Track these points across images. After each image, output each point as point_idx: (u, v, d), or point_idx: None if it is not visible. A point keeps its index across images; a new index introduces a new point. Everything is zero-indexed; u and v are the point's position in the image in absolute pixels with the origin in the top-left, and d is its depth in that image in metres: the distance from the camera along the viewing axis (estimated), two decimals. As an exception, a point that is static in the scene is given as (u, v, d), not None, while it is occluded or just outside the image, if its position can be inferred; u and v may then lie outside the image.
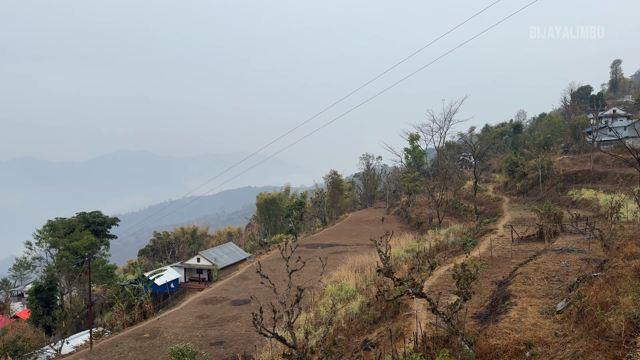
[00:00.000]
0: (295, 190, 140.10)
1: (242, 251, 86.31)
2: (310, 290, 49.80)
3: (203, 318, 49.90)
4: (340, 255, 71.11)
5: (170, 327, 47.29)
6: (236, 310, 51.98)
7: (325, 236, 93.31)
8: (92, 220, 75.53)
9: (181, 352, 24.82)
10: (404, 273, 40.90)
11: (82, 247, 66.23)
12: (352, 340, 32.23)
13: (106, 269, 67.22)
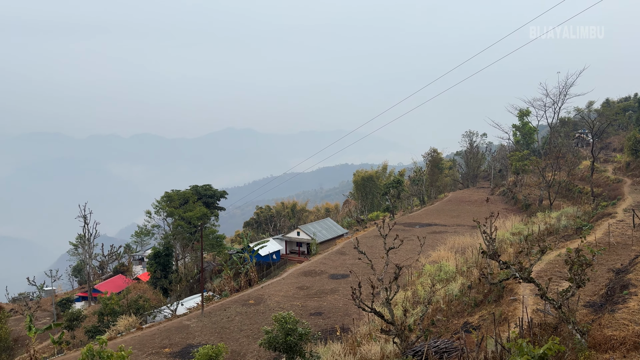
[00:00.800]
0: (392, 168, 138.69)
1: (340, 227, 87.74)
2: (408, 269, 49.49)
3: (303, 289, 51.82)
4: (439, 236, 69.60)
5: (273, 296, 49.77)
6: (334, 283, 53.26)
7: (424, 215, 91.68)
8: (203, 192, 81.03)
9: (284, 319, 26.01)
10: (510, 256, 39.07)
11: (195, 217, 71.46)
12: (451, 321, 31.66)
13: (216, 238, 72.06)
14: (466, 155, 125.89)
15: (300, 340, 25.86)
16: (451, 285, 36.83)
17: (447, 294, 35.56)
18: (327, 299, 47.57)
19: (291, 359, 25.80)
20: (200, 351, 22.67)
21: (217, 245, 72.26)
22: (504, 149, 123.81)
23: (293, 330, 25.82)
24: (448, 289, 36.17)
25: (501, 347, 18.19)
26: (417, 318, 32.32)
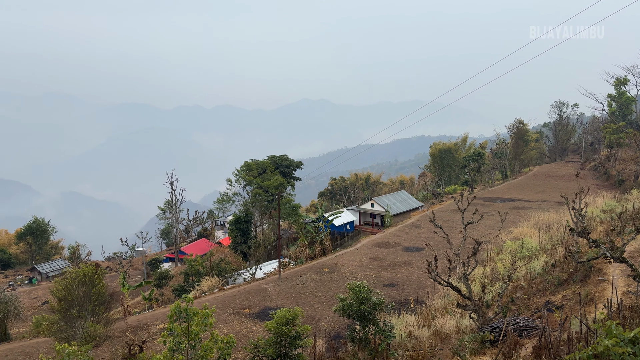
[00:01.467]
0: (473, 140, 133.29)
1: (415, 200, 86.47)
2: (487, 245, 47.99)
3: (376, 260, 52.04)
4: (521, 211, 66.59)
5: (347, 265, 50.47)
6: (408, 256, 52.94)
7: (505, 190, 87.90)
8: (280, 162, 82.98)
9: (358, 288, 26.33)
10: (599, 235, 36.62)
11: (272, 186, 73.52)
12: (532, 300, 30.47)
13: (292, 207, 73.83)
14: (554, 127, 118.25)
15: (373, 309, 26.11)
16: (533, 262, 35.30)
17: (529, 272, 34.16)
18: (400, 271, 47.48)
19: (365, 327, 26.18)
20: (278, 313, 23.56)
21: (293, 214, 74.06)
22: (597, 120, 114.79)
23: (367, 299, 26.10)
24: (530, 267, 34.70)
25: (587, 328, 17.27)
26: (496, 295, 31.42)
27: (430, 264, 27.12)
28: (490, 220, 60.68)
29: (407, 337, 28.40)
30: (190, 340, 21.43)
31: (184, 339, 21.68)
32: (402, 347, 26.98)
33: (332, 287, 43.85)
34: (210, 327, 22.51)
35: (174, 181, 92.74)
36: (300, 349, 24.14)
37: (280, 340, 23.14)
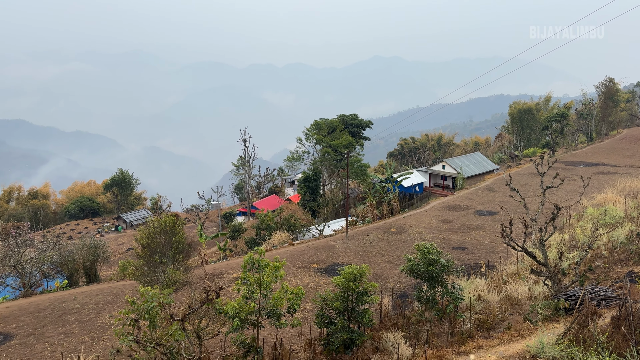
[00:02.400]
0: (557, 100, 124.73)
1: (490, 162, 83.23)
2: (566, 211, 45.59)
3: (446, 222, 51.15)
4: (607, 177, 62.33)
5: (415, 226, 50.07)
6: (480, 219, 51.53)
7: (590, 154, 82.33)
8: (349, 122, 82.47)
9: (427, 249, 26.12)
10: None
11: (341, 145, 73.54)
12: (612, 269, 28.86)
13: (360, 167, 73.70)
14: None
15: (442, 271, 25.87)
16: (617, 231, 33.19)
17: (611, 240, 32.23)
18: (471, 235, 46.45)
19: (432, 287, 26.08)
20: (345, 269, 23.99)
21: (361, 173, 73.95)
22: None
23: (435, 260, 25.87)
24: (612, 235, 32.70)
25: (677, 303, 16.12)
26: (573, 262, 30.02)
27: (504, 228, 26.25)
28: (571, 185, 57.38)
29: (476, 300, 28.03)
30: (262, 290, 22.44)
31: (256, 288, 22.73)
32: (470, 310, 26.71)
33: (399, 247, 43.84)
34: (281, 278, 23.41)
35: (246, 139, 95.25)
36: (366, 305, 24.58)
37: (347, 295, 23.66)
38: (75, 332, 29.42)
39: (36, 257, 43.65)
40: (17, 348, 27.59)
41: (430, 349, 22.71)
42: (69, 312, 32.64)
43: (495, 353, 20.98)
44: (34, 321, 31.30)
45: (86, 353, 25.85)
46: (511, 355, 20.35)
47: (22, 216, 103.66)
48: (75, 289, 40.25)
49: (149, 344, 19.33)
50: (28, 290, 41.57)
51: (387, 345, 23.85)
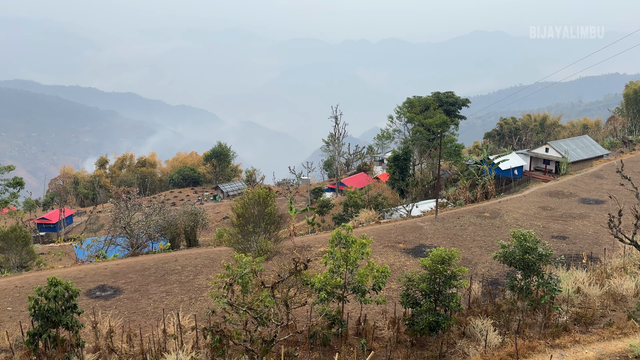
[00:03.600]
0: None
1: (599, 147, 76.57)
2: (688, 204, 40.88)
3: (546, 209, 48.12)
4: None
5: (511, 212, 47.66)
6: (584, 208, 47.84)
7: None
8: (444, 100, 79.55)
9: (523, 236, 24.83)
10: None
11: (434, 124, 71.37)
12: None
13: (454, 147, 71.18)
14: None
15: (539, 260, 24.52)
16: None
17: None
18: (573, 224, 43.32)
19: (527, 276, 24.84)
20: (433, 251, 23.53)
21: (455, 154, 71.38)
22: None
23: (532, 249, 24.54)
24: None
25: None
26: (693, 262, 27.00)
27: (612, 218, 24.20)
28: (696, 176, 51.31)
29: (575, 293, 26.29)
30: (348, 265, 22.74)
31: (342, 263, 23.08)
32: (567, 303, 25.13)
33: (493, 232, 42.06)
34: (367, 255, 23.54)
35: (337, 116, 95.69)
36: (454, 289, 24.01)
37: (434, 278, 23.25)
38: (175, 291, 31.88)
39: (143, 220, 47.65)
40: (125, 302, 30.49)
41: (522, 339, 21.75)
42: (170, 272, 35.38)
43: (593, 349, 19.63)
44: (139, 278, 34.34)
45: (184, 311, 27.95)
46: (611, 354, 18.94)
47: (131, 182, 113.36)
48: (177, 251, 43.46)
49: (241, 308, 20.44)
50: (135, 250, 45.63)
51: (475, 332, 23.20)
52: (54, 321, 20.94)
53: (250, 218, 35.00)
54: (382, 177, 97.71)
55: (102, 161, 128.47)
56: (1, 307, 29.34)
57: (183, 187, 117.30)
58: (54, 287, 20.85)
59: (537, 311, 24.75)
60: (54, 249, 64.44)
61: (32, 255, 52.02)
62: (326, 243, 39.72)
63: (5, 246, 49.89)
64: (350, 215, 60.04)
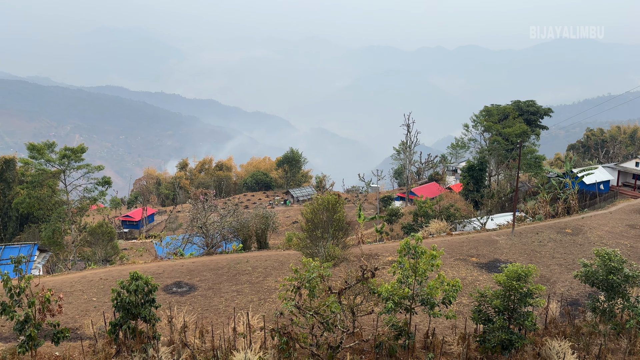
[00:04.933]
0: None
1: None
2: None
3: (635, 228, 44.59)
4: None
5: (595, 229, 44.60)
6: (681, 229, 43.81)
7: None
8: (525, 109, 76.08)
9: (608, 255, 23.16)
10: None
11: (514, 134, 68.44)
12: None
13: (534, 159, 67.84)
14: None
15: (625, 281, 22.78)
16: None
17: None
18: (667, 245, 39.78)
19: (611, 298, 23.14)
20: (508, 267, 22.55)
21: (535, 166, 67.95)
22: None
23: (618, 269, 22.84)
24: None
25: None
26: None
27: None
28: None
29: (668, 321, 24.07)
30: (417, 276, 22.30)
31: (411, 274, 22.68)
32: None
33: (574, 250, 39.55)
34: (437, 267, 22.97)
35: (410, 123, 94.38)
36: (530, 307, 22.84)
37: (509, 295, 22.27)
38: (246, 291, 32.82)
39: (218, 221, 49.58)
40: (199, 298, 31.82)
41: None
42: (241, 272, 36.49)
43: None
44: (213, 277, 35.71)
45: (254, 311, 28.70)
46: None
47: (209, 185, 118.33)
48: (248, 252, 44.77)
49: (308, 312, 20.67)
50: (210, 250, 47.54)
51: (551, 354, 21.92)
52: (134, 313, 22.27)
53: (319, 223, 35.34)
54: (454, 188, 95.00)
55: (183, 164, 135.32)
56: (87, 298, 31.66)
57: (256, 190, 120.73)
58: (135, 281, 22.18)
59: (621, 336, 22.95)
60: (136, 245, 68.67)
61: (116, 250, 55.76)
62: (394, 252, 39.22)
63: (92, 240, 53.90)
64: (420, 226, 58.88)
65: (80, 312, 29.27)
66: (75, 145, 58.31)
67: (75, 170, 56.49)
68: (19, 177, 74.60)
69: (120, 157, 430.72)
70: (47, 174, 55.07)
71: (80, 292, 32.42)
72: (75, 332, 25.98)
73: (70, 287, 33.11)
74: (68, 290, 32.10)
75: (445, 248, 40.26)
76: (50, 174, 55.28)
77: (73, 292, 32.08)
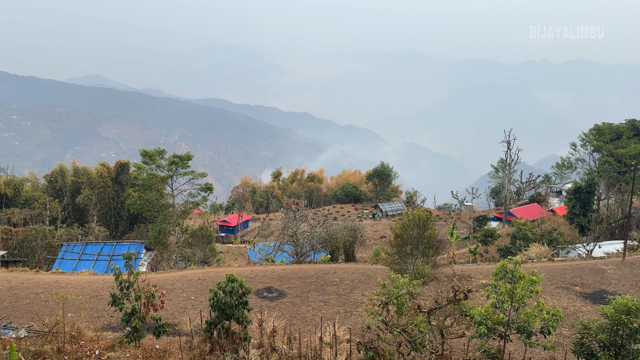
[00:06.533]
0: None
1: None
2: None
3: None
4: None
5: None
6: None
7: None
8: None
9: None
10: None
11: (628, 155, 62.72)
12: None
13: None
14: None
15: None
16: None
17: None
18: None
19: None
20: (617, 299, 20.64)
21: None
22: None
23: None
24: None
25: None
26: None
27: None
28: None
29: None
30: (513, 302, 21.12)
31: (507, 299, 21.53)
32: None
33: (699, 287, 35.19)
34: (536, 294, 21.57)
35: (510, 140, 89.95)
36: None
37: (616, 329, 20.35)
38: (333, 302, 33.09)
39: (308, 231, 50.63)
40: (288, 305, 32.62)
41: None
42: (329, 283, 36.88)
43: None
44: (301, 285, 36.44)
45: (340, 323, 28.83)
46: None
47: (300, 195, 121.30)
48: (335, 264, 45.17)
49: (396, 329, 20.39)
50: (299, 258, 48.63)
51: (667, 402, 19.62)
52: (228, 314, 23.34)
53: (409, 240, 34.78)
54: (558, 211, 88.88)
55: (276, 174, 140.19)
56: (186, 296, 33.75)
57: (345, 203, 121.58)
58: (231, 283, 23.28)
59: None
60: (231, 249, 72.06)
61: (214, 252, 58.93)
62: (489, 275, 37.47)
63: (193, 242, 57.45)
64: (518, 249, 55.69)
65: (179, 309, 31.28)
66: (182, 153, 62.87)
67: (182, 176, 60.83)
68: (131, 180, 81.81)
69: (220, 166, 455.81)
70: (157, 178, 59.82)
71: (180, 290, 34.66)
72: (174, 328, 27.81)
73: (172, 284, 35.52)
74: (169, 288, 34.44)
75: (546, 274, 37.66)
76: (159, 179, 59.99)
77: (174, 290, 34.37)
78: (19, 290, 33.06)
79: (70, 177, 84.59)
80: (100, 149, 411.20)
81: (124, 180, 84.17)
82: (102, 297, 32.31)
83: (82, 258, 46.67)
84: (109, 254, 46.78)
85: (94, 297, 32.38)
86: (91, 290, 33.77)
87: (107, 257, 46.17)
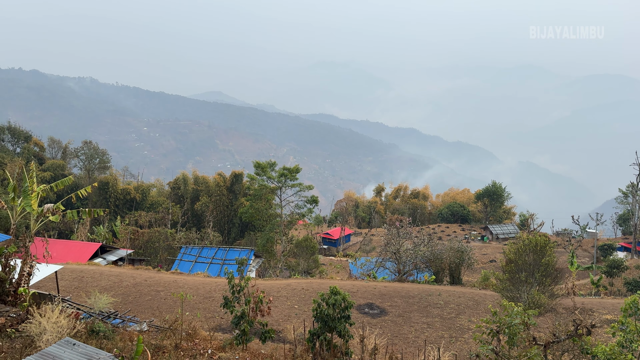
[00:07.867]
0: None
1: None
2: None
3: None
4: None
5: None
6: None
7: None
8: None
9: None
10: None
11: None
12: None
13: None
14: None
15: None
16: None
17: None
18: None
19: None
20: None
21: None
22: None
23: None
24: None
25: None
26: None
27: None
28: None
29: None
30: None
31: (637, 339, 19.24)
32: None
33: None
34: (675, 338, 18.99)
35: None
36: None
37: None
38: (437, 325, 31.93)
39: (411, 249, 49.53)
40: (389, 323, 32.09)
41: None
42: (432, 305, 35.68)
43: None
44: (404, 304, 35.67)
45: (444, 348, 27.71)
46: None
47: (403, 211, 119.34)
48: (440, 286, 43.60)
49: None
50: (402, 277, 47.70)
51: None
52: (330, 326, 23.53)
53: (523, 266, 32.50)
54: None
55: (379, 189, 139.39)
56: (290, 304, 34.65)
57: (451, 222, 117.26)
58: (334, 295, 23.49)
59: None
60: (333, 262, 72.82)
61: (317, 263, 60.02)
62: (614, 310, 33.85)
63: (298, 252, 59.02)
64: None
65: (283, 316, 32.22)
66: (290, 166, 65.19)
67: (290, 188, 63.02)
68: (244, 189, 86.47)
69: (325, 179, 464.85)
70: (267, 189, 62.61)
71: (284, 298, 35.72)
72: (278, 335, 28.66)
73: (277, 292, 36.73)
74: (275, 295, 35.64)
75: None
76: (269, 189, 62.71)
77: (279, 297, 35.50)
78: (142, 287, 36.30)
79: (191, 184, 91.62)
80: (217, 160, 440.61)
81: (238, 189, 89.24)
82: (214, 298, 34.33)
83: (198, 260, 50.12)
84: (222, 258, 49.72)
85: (207, 298, 34.50)
86: (205, 291, 36.04)
87: (220, 261, 49.10)
